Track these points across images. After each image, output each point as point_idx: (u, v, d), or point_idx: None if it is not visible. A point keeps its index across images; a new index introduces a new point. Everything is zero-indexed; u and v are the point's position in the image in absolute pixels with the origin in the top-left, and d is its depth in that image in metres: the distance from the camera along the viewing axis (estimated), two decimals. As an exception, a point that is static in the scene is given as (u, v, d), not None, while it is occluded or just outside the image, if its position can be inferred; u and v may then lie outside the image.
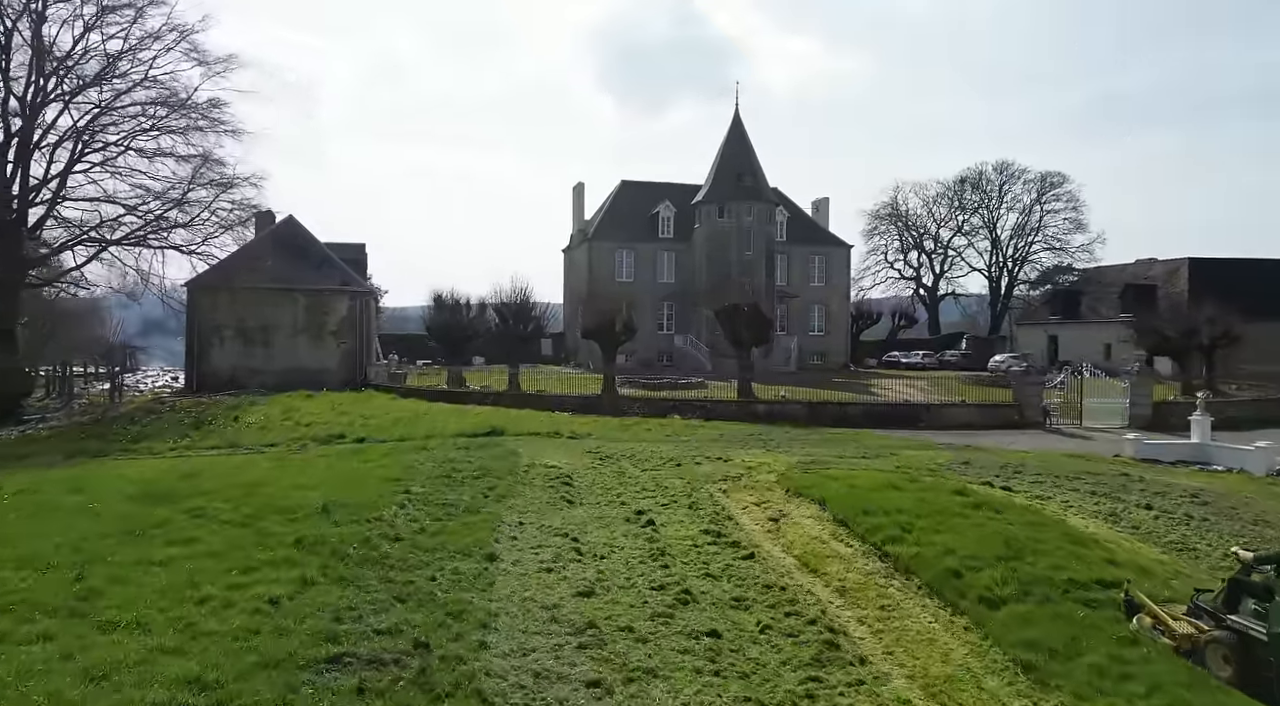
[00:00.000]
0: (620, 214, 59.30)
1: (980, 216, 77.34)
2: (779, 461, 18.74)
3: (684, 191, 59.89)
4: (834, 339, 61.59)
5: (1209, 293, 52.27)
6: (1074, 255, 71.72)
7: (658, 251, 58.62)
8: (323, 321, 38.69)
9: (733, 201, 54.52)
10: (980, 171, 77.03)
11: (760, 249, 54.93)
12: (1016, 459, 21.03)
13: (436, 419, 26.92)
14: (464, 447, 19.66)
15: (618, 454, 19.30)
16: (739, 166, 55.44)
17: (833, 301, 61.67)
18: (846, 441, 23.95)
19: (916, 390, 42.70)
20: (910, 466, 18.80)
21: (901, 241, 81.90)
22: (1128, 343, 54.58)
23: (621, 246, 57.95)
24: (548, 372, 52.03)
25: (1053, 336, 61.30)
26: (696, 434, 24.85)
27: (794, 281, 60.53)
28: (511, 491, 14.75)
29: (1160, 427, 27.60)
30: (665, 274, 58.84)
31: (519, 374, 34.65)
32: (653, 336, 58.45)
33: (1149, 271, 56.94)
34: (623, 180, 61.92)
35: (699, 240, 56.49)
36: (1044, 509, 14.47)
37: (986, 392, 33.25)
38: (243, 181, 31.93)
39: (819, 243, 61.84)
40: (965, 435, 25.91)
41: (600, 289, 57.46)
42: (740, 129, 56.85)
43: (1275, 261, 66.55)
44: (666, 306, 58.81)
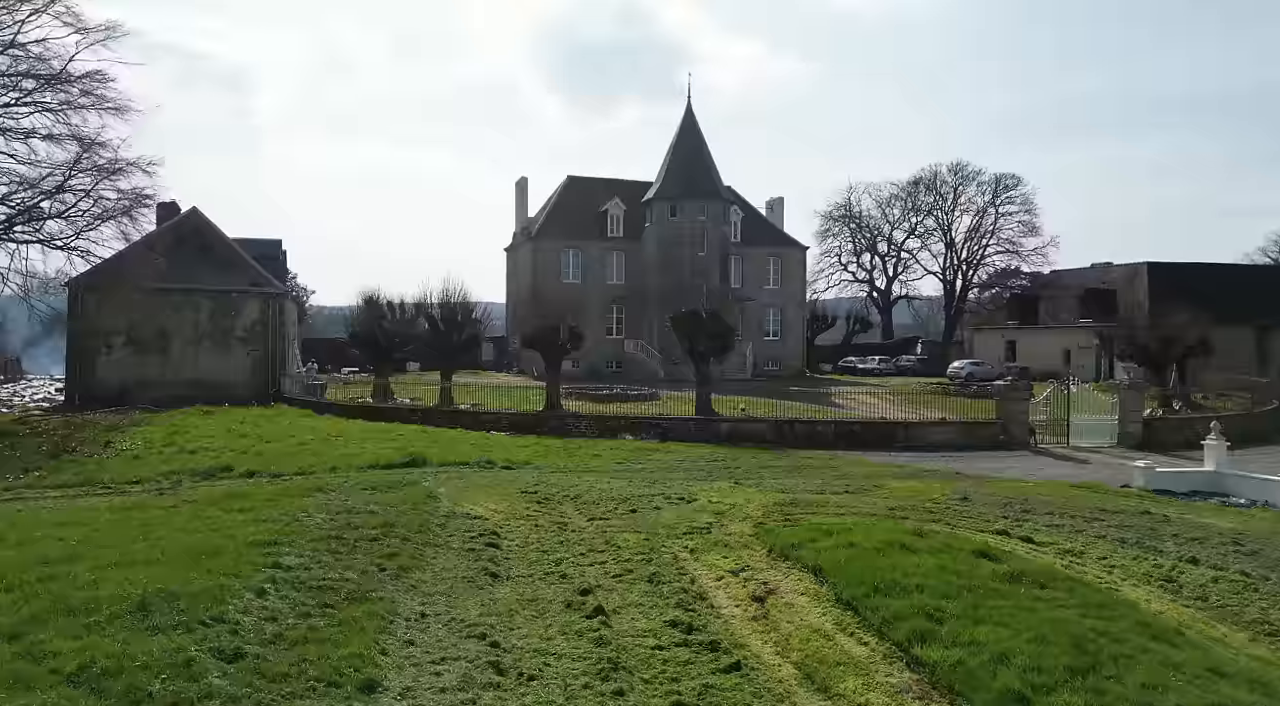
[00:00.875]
0: (566, 211, 55.95)
1: (934, 218, 76.20)
2: (752, 501, 15.75)
3: (634, 188, 56.85)
4: (790, 344, 59.22)
5: (1169, 297, 51.26)
6: (1026, 259, 70.92)
7: (606, 251, 55.44)
8: (229, 326, 34.50)
9: (686, 199, 51.66)
10: (935, 172, 75.89)
11: (715, 250, 52.18)
12: (1017, 490, 18.46)
13: (350, 442, 23.27)
14: (371, 488, 16.18)
15: (560, 493, 16.06)
16: (692, 162, 52.63)
17: (788, 305, 59.31)
18: (822, 469, 21.14)
19: (881, 400, 40.32)
20: (904, 505, 16.05)
21: (855, 243, 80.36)
22: (1088, 349, 53.41)
23: (567, 245, 54.60)
24: (486, 381, 48.45)
25: (1010, 342, 59.95)
26: (652, 459, 21.75)
27: (749, 284, 57.97)
28: (419, 560, 11.37)
29: (1153, 446, 25.50)
30: (614, 275, 55.70)
31: (452, 387, 31.09)
32: (601, 342, 55.27)
33: (1107, 276, 55.93)
34: (569, 175, 58.62)
35: (650, 240, 53.49)
36: (1085, 573, 11.72)
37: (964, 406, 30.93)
38: (132, 167, 27.67)
39: (774, 243, 59.42)
40: (949, 458, 23.36)
41: (545, 290, 54.02)
42: (693, 123, 54.06)
43: (1230, 266, 66.65)
44: (616, 309, 55.68)
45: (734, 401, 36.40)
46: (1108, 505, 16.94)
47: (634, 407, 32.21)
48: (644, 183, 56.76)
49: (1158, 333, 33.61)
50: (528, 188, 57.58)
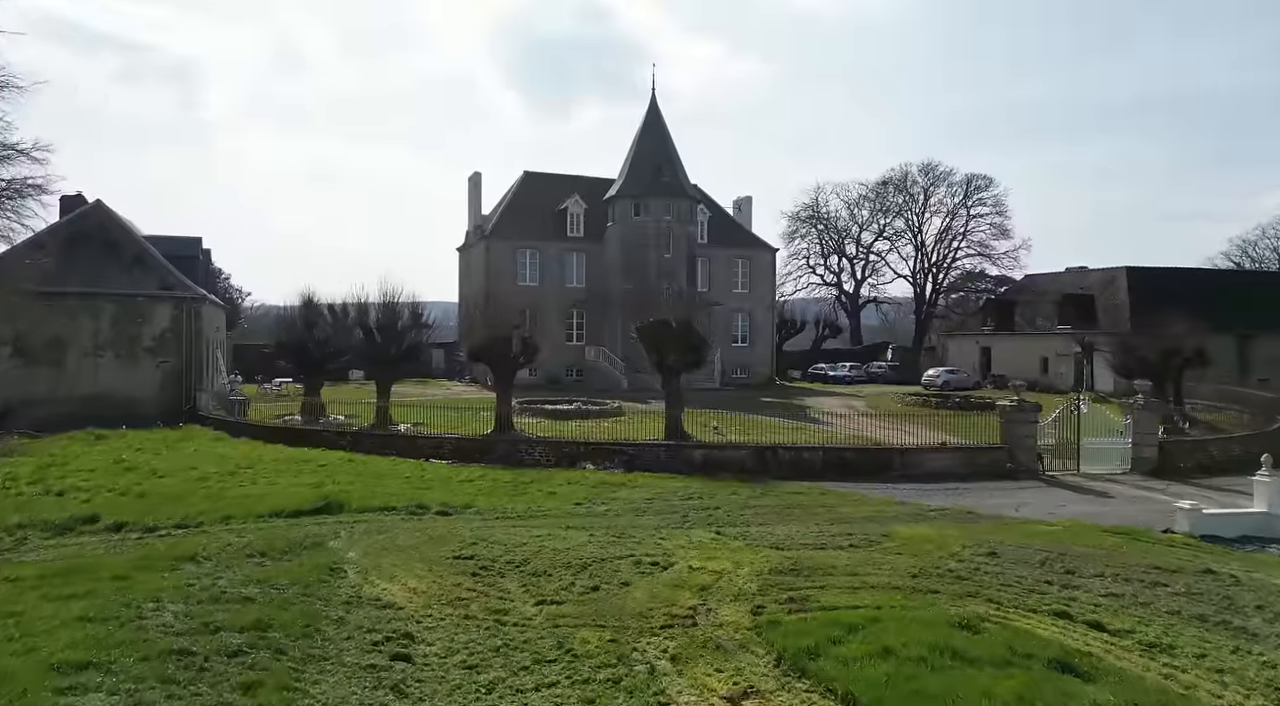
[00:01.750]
0: (523, 209, 52.50)
1: (904, 220, 74.25)
2: (743, 566, 12.71)
3: (595, 185, 53.63)
4: (759, 350, 56.52)
5: (1148, 303, 49.68)
6: (997, 262, 69.28)
7: (566, 252, 52.13)
8: (136, 335, 30.47)
9: (650, 197, 48.59)
10: (905, 172, 73.92)
11: (681, 251, 49.21)
12: (1048, 538, 15.69)
13: (260, 477, 19.70)
14: (261, 553, 12.78)
15: (502, 557, 12.82)
16: (657, 159, 49.59)
17: (757, 310, 56.60)
18: (814, 508, 18.18)
19: (864, 417, 37.72)
20: (925, 565, 13.17)
21: (822, 245, 78.15)
22: (1067, 356, 51.57)
23: (524, 245, 51.16)
24: (436, 392, 44.84)
25: (985, 348, 58.02)
26: (617, 497, 18.58)
27: (716, 287, 55.11)
28: (293, 689, 8.06)
29: (1168, 472, 23.10)
30: (574, 277, 52.41)
31: (389, 406, 27.57)
32: (560, 348, 51.92)
33: (1084, 281, 54.23)
34: (526, 171, 55.16)
35: (612, 240, 50.33)
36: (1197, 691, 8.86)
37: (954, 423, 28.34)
38: (11, 151, 23.60)
39: (742, 245, 56.68)
40: (952, 490, 20.61)
41: (499, 293, 50.47)
42: (657, 118, 51.03)
43: (1206, 271, 65.65)
44: (576, 314, 52.40)
45: (705, 417, 33.42)
46: (1160, 561, 14.24)
47: (596, 427, 29.02)
48: (606, 180, 53.59)
49: (1159, 344, 31.44)
50: (481, 183, 53.99)
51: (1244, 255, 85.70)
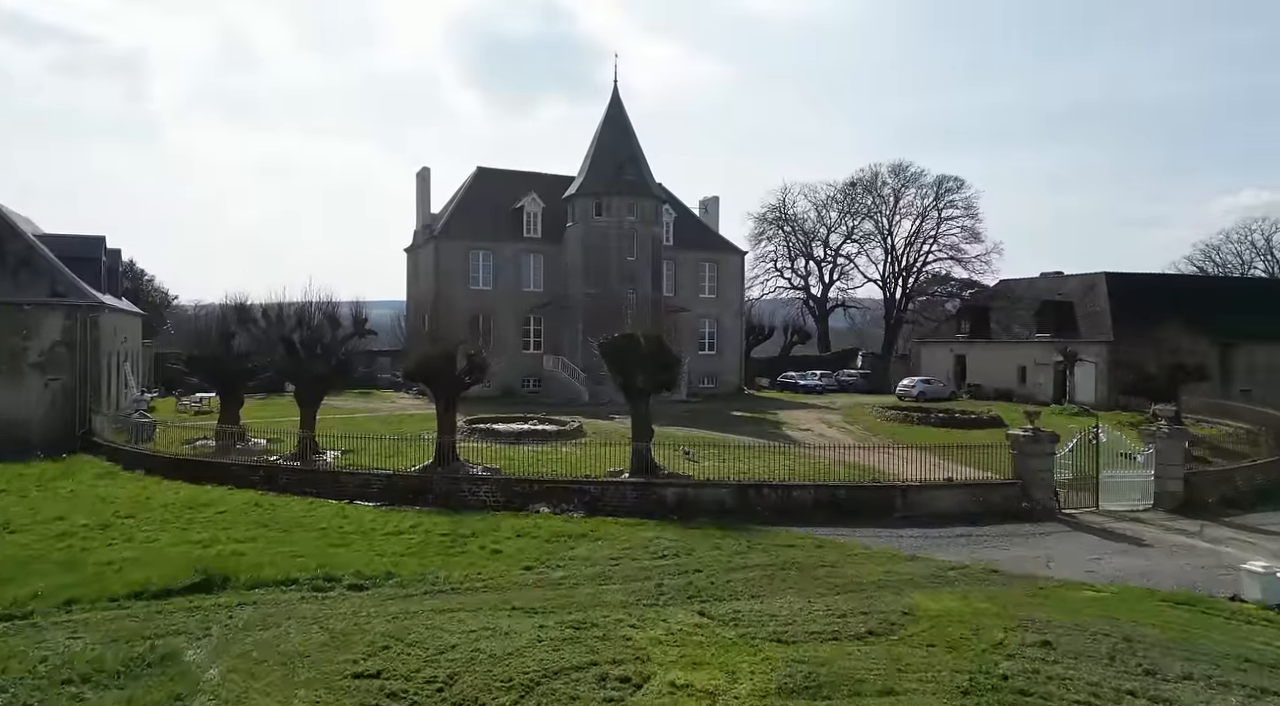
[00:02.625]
0: (475, 207, 48.92)
1: (873, 222, 72.09)
2: (739, 679, 9.70)
3: (554, 183, 50.27)
4: (727, 359, 53.66)
5: (1129, 310, 47.91)
6: (968, 265, 67.45)
7: (522, 253, 48.67)
8: (20, 349, 26.38)
9: (613, 196, 45.41)
10: (875, 173, 71.76)
11: (646, 253, 46.11)
12: (1099, 609, 12.98)
13: (137, 533, 16.11)
14: (83, 678, 9.35)
15: (418, 677, 9.55)
16: (620, 155, 46.42)
17: (725, 315, 53.74)
18: (813, 567, 15.17)
19: (840, 431, 35.02)
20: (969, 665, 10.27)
21: (789, 247, 75.67)
22: (1046, 366, 49.61)
23: (476, 246, 47.59)
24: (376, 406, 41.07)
25: (960, 356, 55.93)
26: (575, 557, 15.37)
27: (683, 292, 52.13)
28: None
29: (1196, 509, 20.63)
30: (531, 280, 48.99)
31: (313, 436, 23.99)
32: (517, 356, 48.47)
33: (1062, 287, 52.37)
34: (479, 166, 51.53)
35: (573, 241, 47.05)
36: None
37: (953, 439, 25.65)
38: None
39: (710, 248, 53.77)
40: (965, 537, 17.80)
41: (450, 297, 46.89)
42: (620, 111, 47.85)
43: (1184, 277, 64.43)
44: (533, 320, 48.97)
45: (674, 437, 30.38)
46: (1249, 649, 11.54)
47: (553, 454, 25.75)
48: (565, 177, 50.28)
49: (1159, 356, 29.20)
50: (430, 179, 50.20)
51: (1208, 260, 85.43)
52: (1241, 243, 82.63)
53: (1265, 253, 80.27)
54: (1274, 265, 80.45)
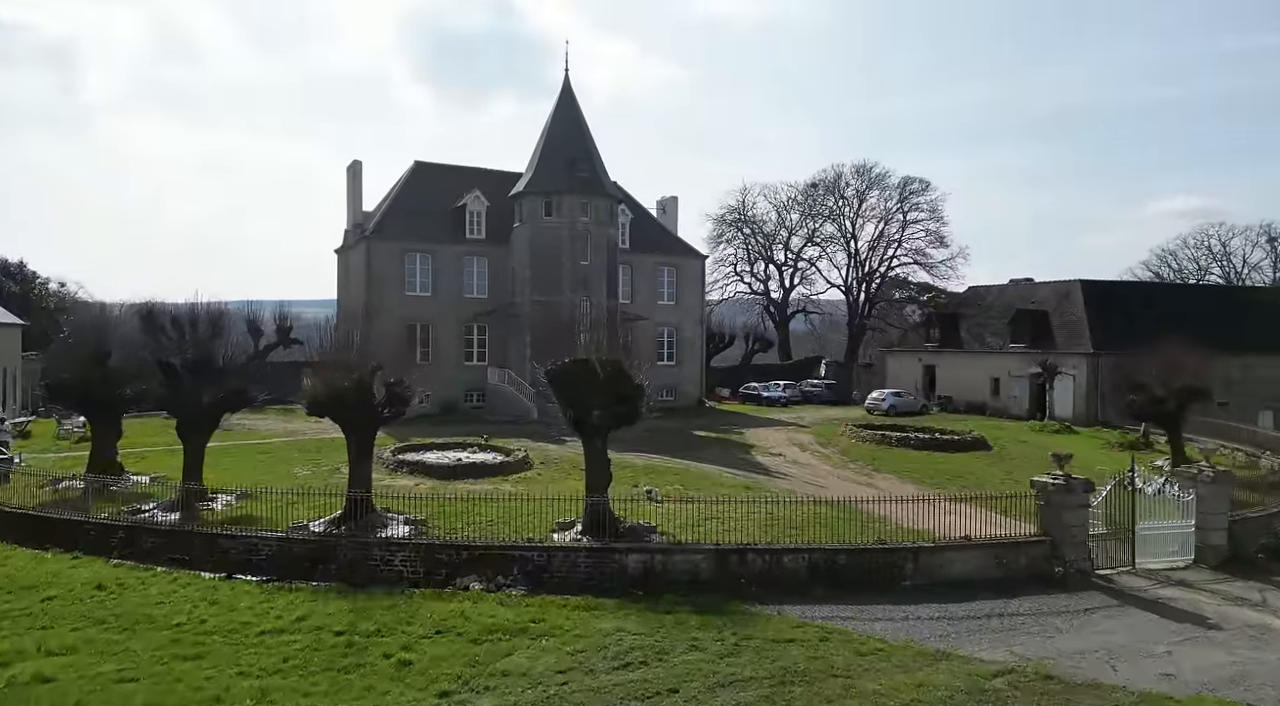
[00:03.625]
0: (413, 204, 44.61)
1: (836, 224, 69.45)
2: None
3: (501, 180, 46.25)
4: (687, 370, 50.21)
5: (1106, 320, 45.83)
6: (934, 270, 65.20)
7: (464, 256, 44.52)
8: None
9: (564, 194, 41.59)
10: (839, 173, 69.10)
11: (601, 257, 42.38)
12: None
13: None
14: None
15: None
16: (572, 150, 42.61)
17: (685, 323, 50.30)
18: (822, 680, 11.65)
19: (815, 455, 31.66)
20: None
21: (749, 250, 72.63)
22: (1021, 378, 47.26)
23: (414, 247, 43.28)
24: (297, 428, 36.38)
25: (929, 367, 53.38)
26: (510, 672, 11.58)
27: (640, 298, 48.52)
28: None
29: (1245, 566, 17.75)
30: (475, 285, 44.88)
31: (198, 486, 19.73)
32: (458, 368, 44.42)
33: (1035, 295, 50.16)
34: (417, 161, 47.17)
35: (520, 243, 43.09)
36: None
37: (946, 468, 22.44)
38: None
39: (669, 251, 50.26)
40: (995, 617, 14.49)
41: (383, 304, 42.57)
42: (571, 103, 44.05)
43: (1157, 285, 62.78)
44: (477, 329, 44.87)
45: (631, 467, 26.77)
46: None
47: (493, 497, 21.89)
48: (513, 173, 46.32)
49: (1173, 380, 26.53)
50: (362, 173, 45.64)
51: (1164, 265, 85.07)
52: (1198, 248, 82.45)
53: (1222, 258, 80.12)
54: (1230, 270, 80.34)
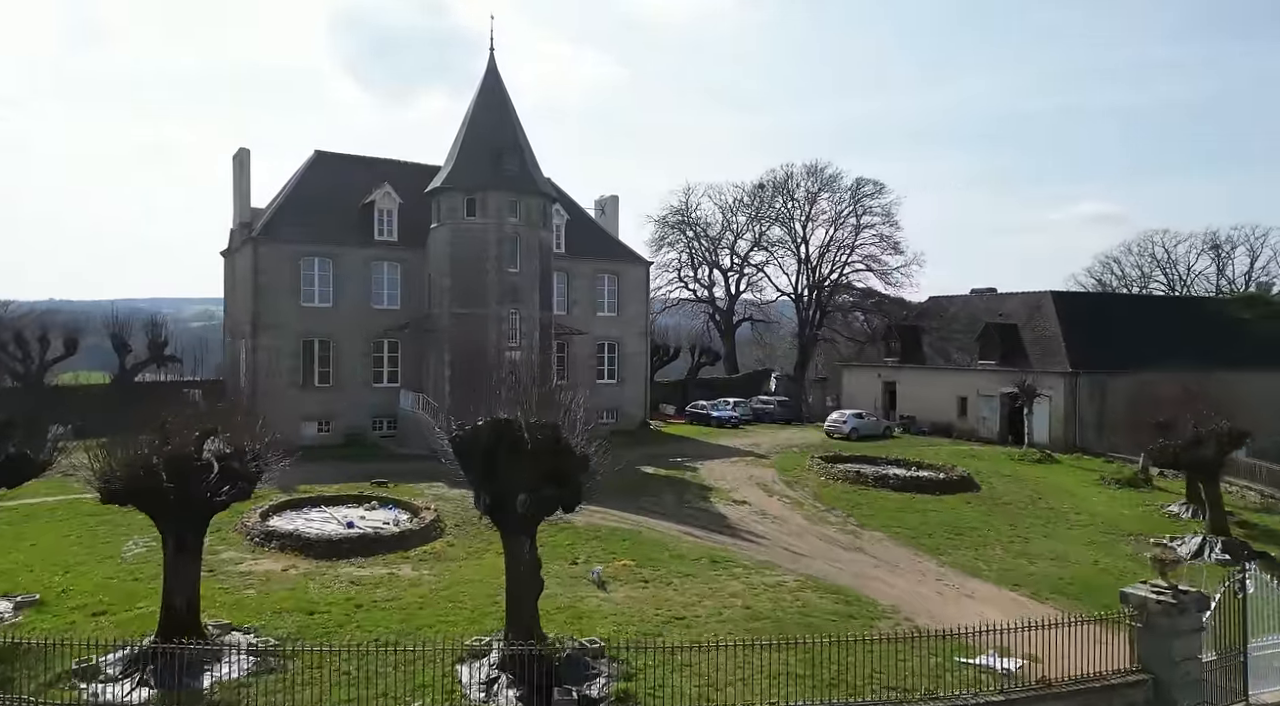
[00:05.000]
0: (311, 201, 38.29)
1: (785, 228, 65.28)
2: None
3: (417, 174, 40.36)
4: (629, 389, 45.07)
5: (1081, 335, 42.56)
6: (888, 278, 61.56)
7: (373, 261, 38.43)
8: None
9: (490, 191, 35.95)
10: (789, 174, 64.94)
11: (533, 264, 36.87)
12: None
13: None
14: None
15: None
16: (498, 142, 36.98)
17: (628, 337, 45.16)
18: None
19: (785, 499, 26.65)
20: None
21: (692, 254, 67.92)
22: (991, 397, 43.65)
23: (311, 251, 36.97)
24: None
25: (889, 383, 49.48)
26: None
27: (577, 309, 43.18)
28: None
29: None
30: (386, 295, 38.83)
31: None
32: (365, 391, 38.37)
33: (1002, 307, 46.70)
34: (318, 150, 40.81)
35: (438, 246, 37.29)
36: None
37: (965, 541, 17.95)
38: None
39: (609, 256, 45.04)
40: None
41: (274, 317, 36.21)
42: (498, 88, 38.42)
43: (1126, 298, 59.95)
44: (388, 345, 38.81)
45: (568, 529, 21.40)
46: None
47: (384, 590, 16.33)
48: (431, 167, 40.47)
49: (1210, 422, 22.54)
50: (249, 163, 39.01)
51: (1108, 272, 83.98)
52: (1142, 254, 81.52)
53: (1167, 265, 79.20)
54: (1175, 279, 79.56)
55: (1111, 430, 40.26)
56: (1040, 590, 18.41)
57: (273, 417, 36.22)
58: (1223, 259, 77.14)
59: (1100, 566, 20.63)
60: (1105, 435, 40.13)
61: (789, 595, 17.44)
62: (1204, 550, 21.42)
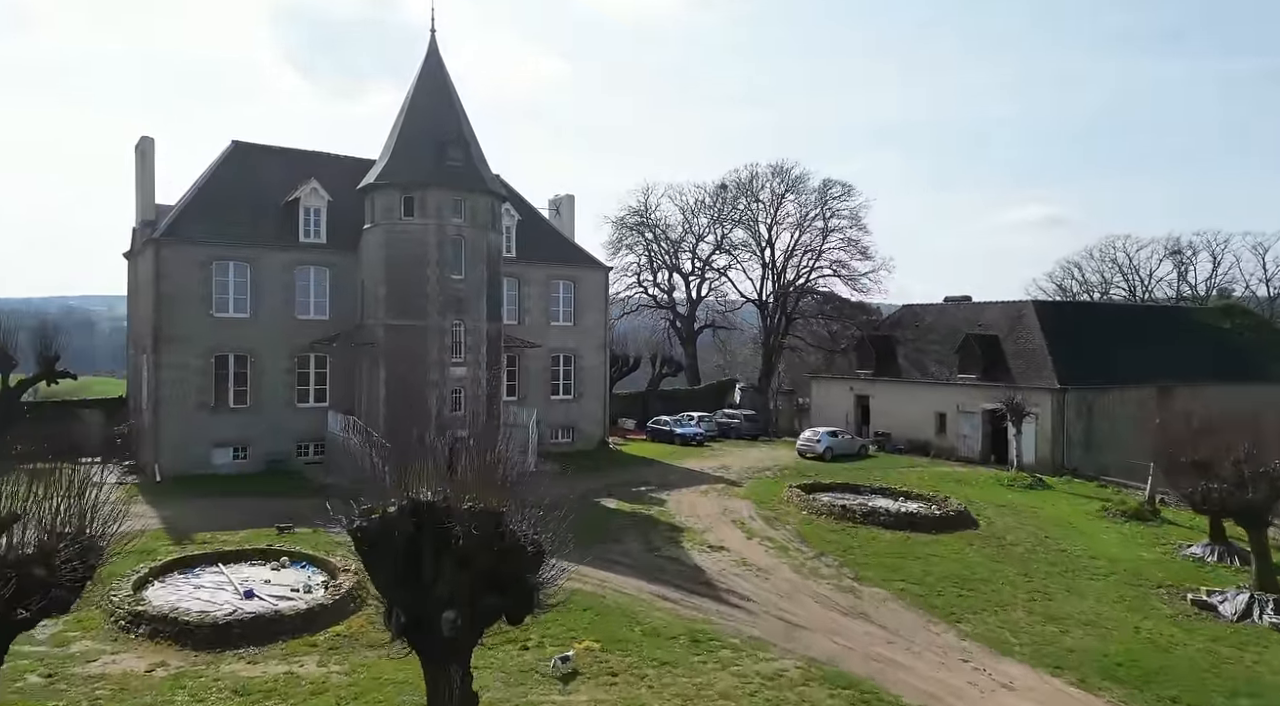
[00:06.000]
0: (226, 197, 33.83)
1: (750, 230, 62.27)
2: None
3: (349, 169, 36.19)
4: (586, 405, 41.44)
5: (1067, 348, 40.23)
6: (857, 284, 58.94)
7: (298, 266, 34.10)
8: None
9: (431, 188, 32.00)
10: (754, 173, 61.96)
11: (479, 270, 32.99)
12: None
13: None
14: None
15: None
16: (441, 133, 33.03)
17: (585, 348, 41.51)
18: None
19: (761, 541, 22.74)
20: None
21: (651, 257, 64.53)
22: (972, 414, 41.09)
23: (224, 254, 32.51)
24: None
25: (862, 397, 46.70)
26: None
27: (529, 319, 39.42)
28: None
29: None
30: (312, 304, 34.54)
31: None
32: (288, 412, 34.17)
33: (981, 317, 44.24)
34: (234, 141, 36.26)
35: (372, 250, 33.18)
36: None
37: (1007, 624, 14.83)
38: None
39: (565, 261, 41.33)
40: None
41: (179, 329, 31.75)
42: (439, 73, 34.48)
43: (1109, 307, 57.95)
44: (315, 361, 34.54)
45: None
46: None
47: (291, 670, 12.53)
48: (364, 161, 36.34)
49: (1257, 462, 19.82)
50: (154, 153, 34.27)
51: (1069, 278, 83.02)
52: (1103, 259, 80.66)
53: (1130, 271, 78.39)
54: (1136, 284, 78.82)
55: (1099, 450, 38.10)
56: (1088, 675, 15.38)
57: (179, 444, 32.14)
58: (1184, 264, 76.71)
59: (1143, 634, 17.72)
60: (1093, 454, 37.89)
61: (792, 693, 14.07)
62: (1252, 610, 18.72)
